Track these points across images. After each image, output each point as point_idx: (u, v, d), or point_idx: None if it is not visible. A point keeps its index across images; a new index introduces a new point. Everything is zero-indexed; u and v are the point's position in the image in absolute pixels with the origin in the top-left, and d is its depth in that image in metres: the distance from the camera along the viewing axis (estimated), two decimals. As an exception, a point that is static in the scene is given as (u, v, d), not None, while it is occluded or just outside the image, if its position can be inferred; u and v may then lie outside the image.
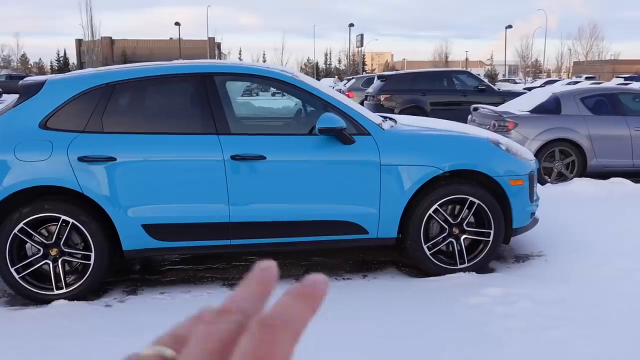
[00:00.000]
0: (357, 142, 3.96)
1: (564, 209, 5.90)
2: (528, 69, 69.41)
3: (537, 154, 7.41)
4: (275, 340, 0.29)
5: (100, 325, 3.43)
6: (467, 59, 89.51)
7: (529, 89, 20.26)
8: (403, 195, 4.02)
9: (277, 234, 3.97)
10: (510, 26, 55.80)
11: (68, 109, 3.84)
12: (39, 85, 3.91)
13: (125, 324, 3.43)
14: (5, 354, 3.07)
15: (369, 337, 3.18)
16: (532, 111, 7.72)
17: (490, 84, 14.65)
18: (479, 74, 17.40)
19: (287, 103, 5.65)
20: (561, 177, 7.55)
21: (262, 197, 3.90)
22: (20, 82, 4.07)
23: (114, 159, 3.75)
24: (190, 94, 4.02)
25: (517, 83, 45.23)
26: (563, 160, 7.55)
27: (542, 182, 7.37)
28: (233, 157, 3.83)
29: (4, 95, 32.82)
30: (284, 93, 4.48)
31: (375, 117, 4.35)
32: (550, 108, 7.65)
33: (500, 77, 61.44)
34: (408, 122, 4.68)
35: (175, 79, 4.05)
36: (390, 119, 4.69)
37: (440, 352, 2.99)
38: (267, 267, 0.35)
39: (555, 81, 39.15)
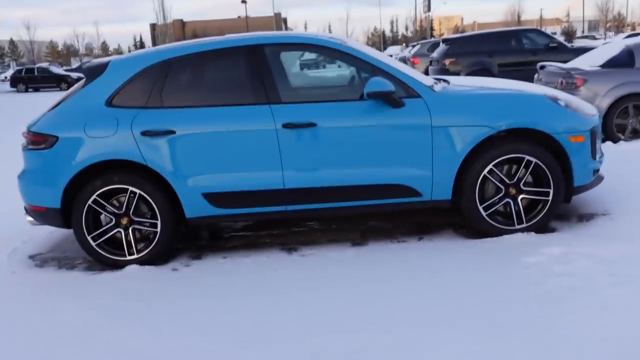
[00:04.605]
0: (407, 105, 3.95)
1: (636, 167, 5.62)
2: (609, 24, 64.83)
3: (609, 110, 7.05)
4: None
5: (167, 287, 3.69)
6: (541, 17, 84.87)
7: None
8: (456, 156, 3.98)
9: (331, 199, 4.06)
10: (589, -22, 52.13)
11: (130, 87, 4.07)
12: (104, 67, 4.17)
13: (189, 287, 3.66)
14: (85, 313, 3.37)
15: (423, 297, 3.22)
16: (603, 66, 7.30)
17: (562, 41, 13.90)
18: (554, 32, 16.54)
19: (342, 72, 5.68)
20: (636, 134, 7.14)
21: (315, 163, 3.99)
22: (85, 65, 4.35)
23: (174, 132, 3.96)
24: (242, 66, 4.14)
25: (596, 39, 42.49)
26: (638, 116, 7.12)
27: (615, 140, 7.02)
28: (284, 125, 3.93)
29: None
30: (340, 62, 4.51)
31: (427, 79, 4.31)
32: (623, 61, 7.21)
33: (578, 33, 57.87)
34: (462, 82, 4.59)
35: (226, 52, 4.18)
36: (444, 80, 4.62)
37: (495, 311, 2.99)
38: None
39: (638, 34, 36.44)
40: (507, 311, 2.98)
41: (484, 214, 4.09)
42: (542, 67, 8.22)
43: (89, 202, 4.03)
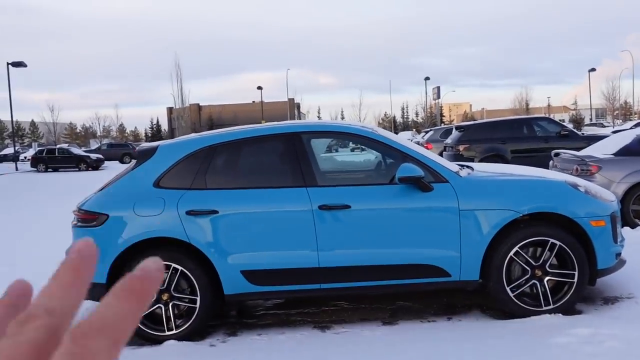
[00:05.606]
0: (436, 190, 4.21)
1: (656, 252, 5.74)
2: (616, 112, 66.24)
3: (625, 196, 7.26)
4: (89, 352, 0.26)
5: (207, 362, 3.80)
6: (549, 105, 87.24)
7: (619, 131, 19.42)
8: (483, 238, 4.18)
9: (365, 277, 4.23)
10: (593, 69, 54.03)
11: (177, 170, 4.39)
12: (153, 150, 4.52)
13: (228, 362, 3.78)
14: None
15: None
16: (616, 154, 7.61)
17: (573, 129, 14.37)
18: (562, 120, 17.07)
19: (368, 156, 6.02)
20: (653, 220, 7.31)
21: (349, 243, 4.21)
22: (137, 148, 4.71)
23: (216, 212, 4.22)
24: (281, 151, 4.47)
25: (604, 126, 43.41)
26: (653, 202, 7.33)
27: (633, 225, 7.18)
28: (320, 207, 4.19)
29: (105, 162, 35.75)
30: (364, 147, 4.84)
31: (453, 165, 4.59)
32: (635, 150, 7.52)
33: (587, 121, 59.19)
34: (485, 168, 4.87)
35: (267, 139, 4.53)
36: (468, 166, 4.91)
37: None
38: (83, 246, 0.30)
39: (647, 122, 37.15)
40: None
41: (511, 294, 4.22)
42: (557, 155, 8.55)
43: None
